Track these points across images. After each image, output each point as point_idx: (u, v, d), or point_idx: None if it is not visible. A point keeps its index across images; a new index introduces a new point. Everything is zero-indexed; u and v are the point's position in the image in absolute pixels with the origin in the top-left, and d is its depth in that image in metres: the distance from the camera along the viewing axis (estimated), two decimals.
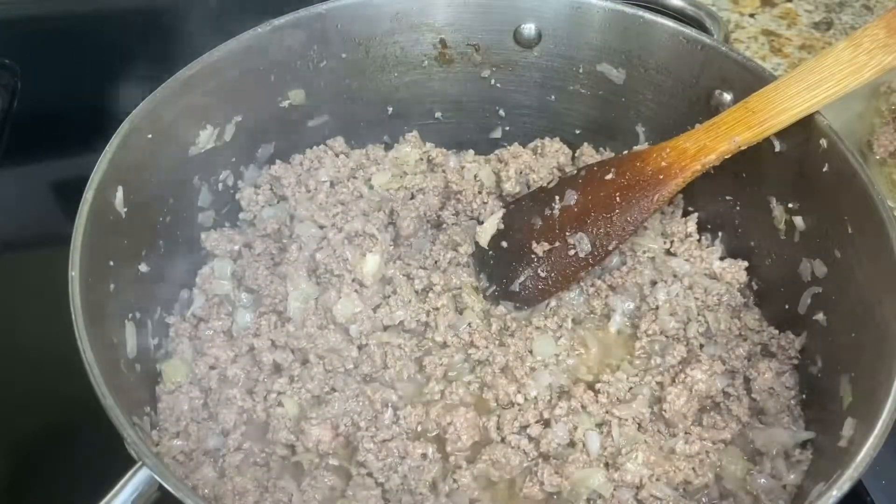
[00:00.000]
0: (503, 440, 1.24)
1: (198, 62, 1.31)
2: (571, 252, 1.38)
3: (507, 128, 1.61)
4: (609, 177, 1.36)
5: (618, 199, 1.35)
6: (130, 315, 1.21)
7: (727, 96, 1.35)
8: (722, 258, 1.44)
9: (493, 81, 1.55)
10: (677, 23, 1.41)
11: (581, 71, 1.49)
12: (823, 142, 1.23)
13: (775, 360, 1.30)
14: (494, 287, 1.40)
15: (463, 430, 1.23)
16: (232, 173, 1.44)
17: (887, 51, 1.16)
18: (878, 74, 1.17)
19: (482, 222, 1.45)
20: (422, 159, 1.55)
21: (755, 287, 1.42)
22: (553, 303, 1.40)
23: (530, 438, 1.23)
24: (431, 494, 1.17)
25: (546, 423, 1.24)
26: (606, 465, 1.18)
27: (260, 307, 1.34)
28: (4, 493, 1.29)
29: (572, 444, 1.21)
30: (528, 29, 1.47)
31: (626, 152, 1.48)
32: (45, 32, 1.97)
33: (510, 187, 1.50)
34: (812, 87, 1.20)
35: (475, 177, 1.52)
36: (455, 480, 1.19)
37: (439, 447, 1.23)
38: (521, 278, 1.39)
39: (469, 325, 1.35)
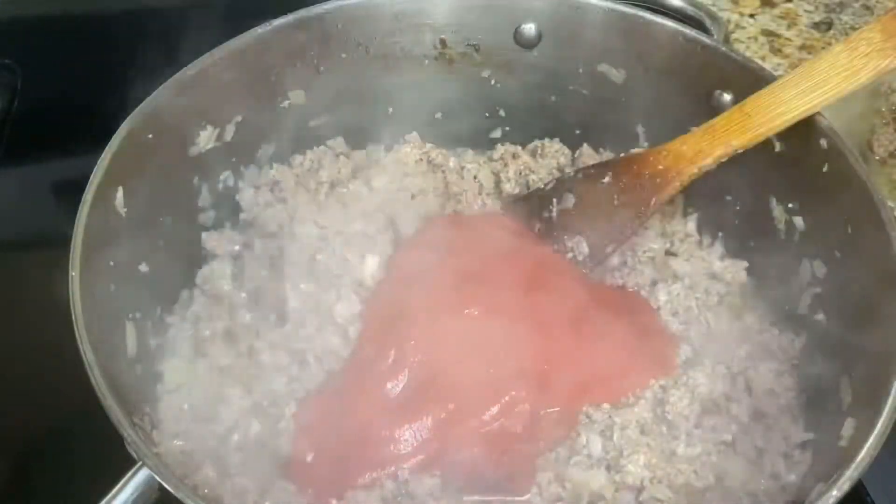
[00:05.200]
0: None
1: (198, 62, 1.31)
2: (570, 255, 1.38)
3: (507, 128, 1.61)
4: (606, 180, 1.37)
5: (615, 202, 1.35)
6: (130, 315, 1.21)
7: (727, 97, 1.35)
8: (722, 258, 1.44)
9: (493, 81, 1.55)
10: (677, 23, 1.41)
11: (581, 71, 1.49)
12: (823, 142, 1.23)
13: (775, 361, 1.30)
14: None
15: None
16: (232, 173, 1.44)
17: (883, 55, 1.16)
18: (874, 78, 1.17)
19: None
20: (421, 160, 1.55)
21: (755, 287, 1.42)
22: None
23: None
24: (431, 498, 1.16)
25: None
26: (608, 467, 1.18)
27: (259, 307, 1.34)
28: (4, 493, 1.29)
29: (573, 447, 1.21)
30: (528, 29, 1.47)
31: (622, 155, 1.49)
32: (45, 32, 1.97)
33: (509, 188, 1.50)
34: (808, 90, 1.20)
35: (475, 178, 1.52)
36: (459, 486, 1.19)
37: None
38: None
39: None
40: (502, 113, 1.59)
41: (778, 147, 1.30)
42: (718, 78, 1.36)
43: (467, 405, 1.18)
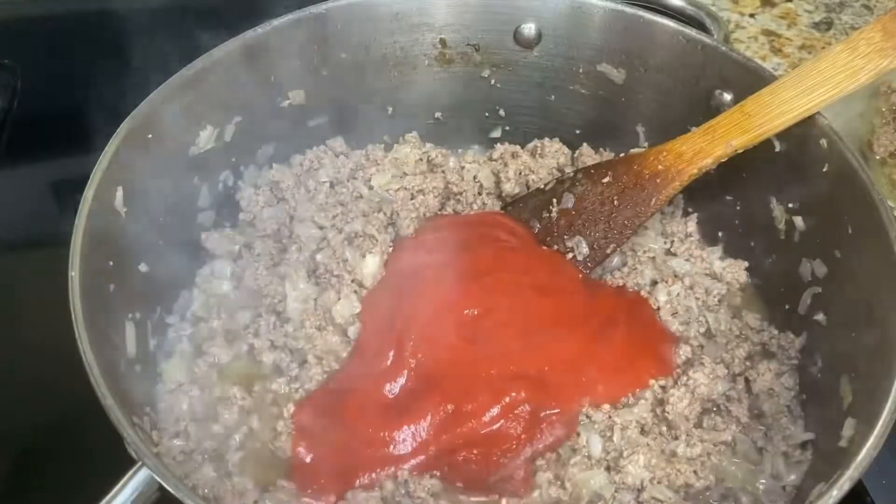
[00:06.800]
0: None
1: (198, 62, 1.31)
2: (570, 255, 1.39)
3: (507, 128, 1.61)
4: (606, 180, 1.37)
5: (615, 202, 1.36)
6: (130, 315, 1.21)
7: (727, 96, 1.35)
8: (722, 258, 1.44)
9: (493, 81, 1.55)
10: (677, 23, 1.41)
11: (581, 71, 1.49)
12: (823, 142, 1.23)
13: (775, 361, 1.30)
14: None
15: None
16: (232, 173, 1.44)
17: (883, 54, 1.16)
18: (874, 78, 1.17)
19: None
20: (421, 160, 1.55)
21: (755, 287, 1.42)
22: None
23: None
24: (431, 498, 1.16)
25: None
26: (608, 467, 1.18)
27: (259, 307, 1.34)
28: (4, 493, 1.29)
29: (574, 447, 1.21)
30: (528, 29, 1.47)
31: (622, 155, 1.49)
32: (45, 32, 1.97)
33: (509, 188, 1.50)
34: (808, 90, 1.20)
35: (474, 178, 1.52)
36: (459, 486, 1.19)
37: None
38: None
39: None
40: (502, 113, 1.59)
41: (778, 147, 1.30)
42: (718, 78, 1.36)
43: (467, 406, 1.18)
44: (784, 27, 1.99)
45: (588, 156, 1.54)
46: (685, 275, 1.39)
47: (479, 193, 1.51)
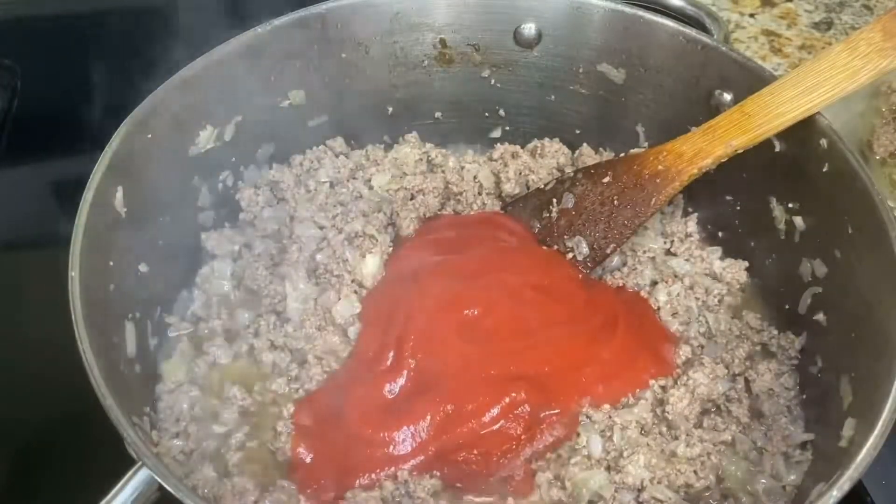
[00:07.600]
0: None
1: (198, 62, 1.31)
2: (570, 255, 1.39)
3: (507, 128, 1.61)
4: (606, 180, 1.37)
5: (615, 202, 1.36)
6: (130, 315, 1.21)
7: (727, 96, 1.36)
8: (722, 258, 1.44)
9: (493, 81, 1.55)
10: (677, 23, 1.41)
11: (581, 71, 1.49)
12: (823, 142, 1.23)
13: (775, 361, 1.30)
14: None
15: None
16: (232, 173, 1.44)
17: (883, 55, 1.16)
18: (874, 78, 1.18)
19: None
20: (421, 160, 1.55)
21: (755, 287, 1.42)
22: None
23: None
24: (431, 498, 1.16)
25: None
26: (608, 467, 1.18)
27: (259, 307, 1.34)
28: (4, 493, 1.29)
29: (574, 447, 1.21)
30: (528, 29, 1.47)
31: (622, 155, 1.49)
32: (45, 32, 1.98)
33: (509, 188, 1.50)
34: (808, 90, 1.20)
35: (474, 178, 1.52)
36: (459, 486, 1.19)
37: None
38: None
39: None
40: (502, 113, 1.59)
41: (778, 147, 1.30)
42: (718, 78, 1.36)
43: (467, 406, 1.18)
44: (784, 27, 1.99)
45: (588, 156, 1.54)
46: (685, 275, 1.39)
47: (479, 193, 1.51)
